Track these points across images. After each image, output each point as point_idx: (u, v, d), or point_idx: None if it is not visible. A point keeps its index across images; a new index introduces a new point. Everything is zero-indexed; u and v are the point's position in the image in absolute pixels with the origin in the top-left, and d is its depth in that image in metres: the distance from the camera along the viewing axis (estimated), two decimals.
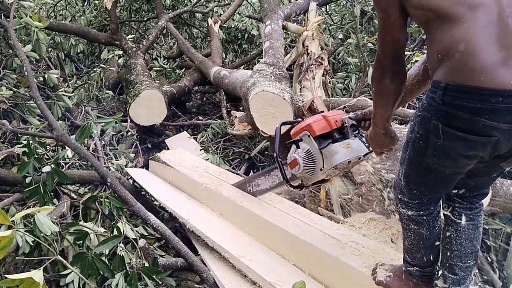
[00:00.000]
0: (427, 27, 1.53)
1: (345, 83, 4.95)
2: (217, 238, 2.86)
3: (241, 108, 5.45)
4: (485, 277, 2.89)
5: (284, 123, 2.56)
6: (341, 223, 2.91)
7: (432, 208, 1.74)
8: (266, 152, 4.57)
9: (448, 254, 1.77)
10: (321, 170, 2.22)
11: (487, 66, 1.34)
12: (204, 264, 2.82)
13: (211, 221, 3.11)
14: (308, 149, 2.25)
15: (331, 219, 2.95)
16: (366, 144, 2.24)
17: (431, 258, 1.84)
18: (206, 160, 4.38)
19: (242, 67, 6.67)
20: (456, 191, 1.77)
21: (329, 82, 4.17)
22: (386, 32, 1.62)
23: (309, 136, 2.24)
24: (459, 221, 1.76)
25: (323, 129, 2.23)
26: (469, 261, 1.76)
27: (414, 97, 2.02)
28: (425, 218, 1.75)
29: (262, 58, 4.07)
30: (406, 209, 1.77)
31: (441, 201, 1.79)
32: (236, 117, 4.04)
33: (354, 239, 2.50)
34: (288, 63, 4.33)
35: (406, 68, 1.71)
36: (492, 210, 2.94)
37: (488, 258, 3.07)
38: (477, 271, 2.81)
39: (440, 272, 1.83)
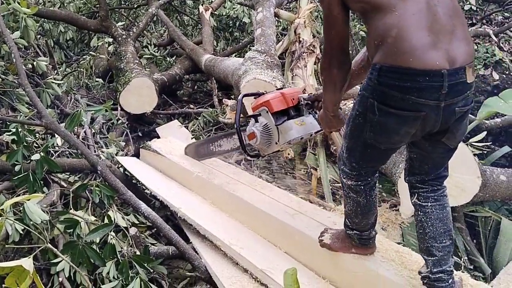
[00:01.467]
0: (365, 18, 1.68)
1: None
2: (209, 226, 2.85)
3: (232, 97, 5.42)
4: (475, 264, 2.93)
5: (246, 95, 2.70)
6: (332, 210, 2.91)
7: (369, 179, 1.93)
8: None
9: (423, 237, 1.87)
10: (276, 143, 2.42)
11: (416, 49, 1.50)
12: (196, 252, 2.81)
13: (203, 209, 3.11)
14: (266, 124, 2.41)
15: (322, 207, 2.96)
16: (318, 122, 2.36)
17: (368, 223, 2.06)
18: None
19: (234, 55, 6.63)
20: (416, 177, 1.91)
21: None
22: (331, 26, 1.77)
23: (267, 112, 2.40)
24: (426, 204, 1.87)
25: (280, 106, 2.39)
26: (444, 241, 1.84)
27: (360, 81, 2.11)
28: (362, 187, 1.93)
29: (253, 46, 4.05)
30: (347, 179, 1.95)
31: (377, 174, 1.98)
32: (227, 105, 4.02)
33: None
34: (280, 51, 4.32)
35: (351, 57, 1.86)
36: (482, 198, 2.97)
37: (477, 245, 3.11)
38: (466, 258, 2.85)
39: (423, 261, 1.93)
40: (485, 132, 3.31)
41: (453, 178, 2.66)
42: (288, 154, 3.43)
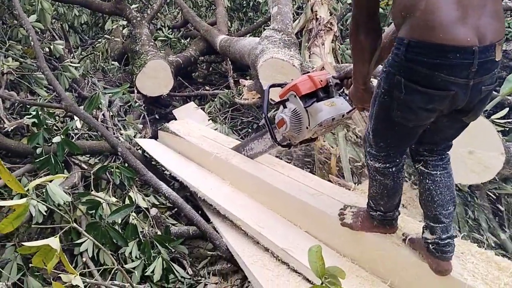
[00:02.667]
0: None
1: None
2: (229, 206, 2.86)
3: (248, 78, 5.39)
4: (498, 241, 2.89)
5: (272, 86, 2.61)
6: (352, 190, 2.90)
7: (397, 160, 1.88)
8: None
9: (431, 205, 1.86)
10: (307, 128, 2.32)
11: (445, 24, 1.43)
12: (216, 231, 2.83)
13: (222, 190, 3.11)
14: (294, 109, 2.34)
15: (342, 186, 2.94)
16: (349, 102, 2.31)
17: (393, 204, 2.04)
18: (215, 130, 4.36)
19: (248, 35, 6.57)
20: (425, 147, 1.87)
21: (339, 48, 4.09)
22: None
23: (295, 96, 2.32)
24: (435, 172, 1.86)
25: (308, 89, 2.31)
26: (449, 208, 1.86)
27: None
28: (391, 170, 1.89)
29: (268, 26, 4.00)
30: (374, 162, 1.90)
31: (405, 155, 1.92)
32: (244, 85, 4.00)
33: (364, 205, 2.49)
34: (297, 29, 4.25)
35: (381, 25, 1.77)
36: (505, 175, 2.92)
37: (500, 222, 3.07)
38: (489, 235, 2.82)
39: (424, 226, 1.94)
40: (507, 109, 3.24)
41: (476, 155, 2.61)
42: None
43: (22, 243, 1.62)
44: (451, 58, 1.44)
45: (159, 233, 2.93)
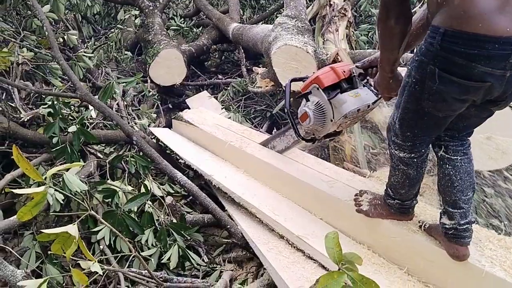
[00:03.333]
0: None
1: (369, 35, 4.81)
2: (243, 194, 2.86)
3: (261, 66, 5.36)
4: None
5: (293, 80, 2.56)
6: (368, 177, 2.88)
7: (423, 150, 1.85)
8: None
9: (450, 191, 1.84)
10: (331, 121, 2.26)
11: (484, 13, 1.38)
12: (231, 219, 2.84)
13: (237, 178, 3.12)
14: (318, 101, 2.28)
15: (357, 173, 2.92)
16: (375, 92, 2.25)
17: (413, 193, 2.04)
18: (228, 119, 4.36)
19: (261, 23, 6.52)
20: (447, 132, 1.84)
21: (353, 35, 4.04)
22: None
23: (318, 88, 2.27)
24: (456, 157, 1.84)
25: (331, 80, 2.25)
26: (469, 193, 1.85)
27: (418, 42, 1.97)
28: (415, 160, 1.87)
29: (281, 13, 3.96)
30: (399, 151, 1.88)
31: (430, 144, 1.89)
32: (258, 73, 3.97)
33: (381, 193, 2.47)
34: (310, 16, 4.20)
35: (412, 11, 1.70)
36: None
37: None
38: (507, 222, 2.78)
39: (442, 211, 1.93)
40: None
41: (494, 141, 2.57)
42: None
43: (41, 230, 1.64)
44: (489, 48, 1.40)
45: (174, 221, 2.95)
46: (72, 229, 1.58)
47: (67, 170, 2.98)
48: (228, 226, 2.76)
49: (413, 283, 2.02)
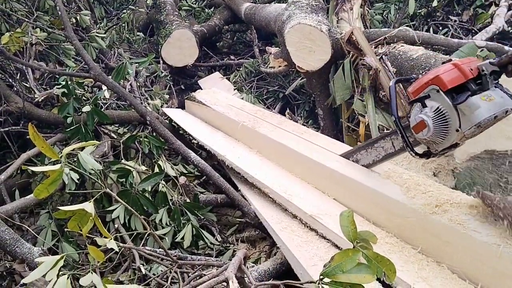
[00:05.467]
0: None
1: (384, 14, 4.72)
2: (256, 174, 2.87)
3: (273, 46, 5.31)
4: None
5: (398, 81, 2.19)
6: None
7: None
8: (302, 90, 4.48)
9: None
10: (457, 131, 1.86)
11: None
12: (244, 199, 2.85)
13: (250, 158, 3.12)
14: (438, 107, 1.88)
15: None
16: (510, 94, 1.87)
17: None
18: (241, 99, 4.34)
19: (273, 2, 6.44)
20: None
21: (367, 13, 3.97)
22: None
23: (438, 91, 1.88)
24: None
25: (456, 81, 1.84)
26: None
27: None
28: None
29: None
30: None
31: None
32: (271, 53, 3.94)
33: (396, 173, 2.46)
34: None
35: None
36: None
37: None
38: None
39: None
40: None
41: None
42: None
43: (58, 208, 1.66)
44: None
45: (188, 200, 2.97)
46: (88, 206, 1.60)
47: (82, 149, 3.01)
48: (241, 206, 2.77)
49: (427, 262, 2.02)
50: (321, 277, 1.31)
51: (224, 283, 1.52)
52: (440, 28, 4.12)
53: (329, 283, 1.30)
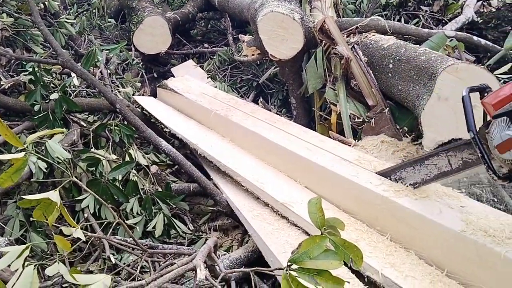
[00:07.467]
0: None
1: (356, 3, 4.74)
2: (229, 162, 2.86)
3: (247, 34, 5.29)
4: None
5: (472, 90, 1.83)
6: (353, 146, 2.89)
7: None
8: (276, 79, 4.48)
9: None
10: None
11: None
12: (217, 188, 2.84)
13: (223, 147, 3.11)
14: None
15: (342, 142, 2.93)
16: None
17: None
18: (214, 88, 4.31)
19: None
20: None
21: (340, 2, 3.98)
22: None
23: None
24: None
25: None
26: None
27: None
28: None
29: None
30: None
31: None
32: (244, 41, 3.92)
33: (366, 160, 2.49)
34: None
35: None
36: None
37: None
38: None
39: None
40: (510, 64, 3.18)
41: (479, 110, 2.58)
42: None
43: (23, 197, 1.62)
44: None
45: (160, 190, 2.94)
46: (54, 195, 1.56)
47: (50, 138, 2.94)
48: (214, 195, 2.76)
49: (395, 248, 2.06)
50: (289, 263, 1.31)
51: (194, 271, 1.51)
52: (411, 18, 4.16)
53: (297, 269, 1.30)
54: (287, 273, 1.30)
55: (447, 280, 1.87)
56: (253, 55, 3.90)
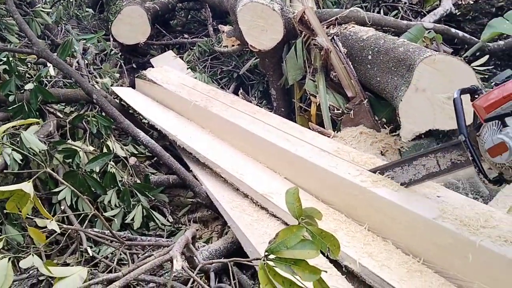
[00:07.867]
0: None
1: None
2: (208, 154, 2.84)
3: (227, 25, 5.25)
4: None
5: (463, 91, 1.80)
6: (332, 137, 2.90)
7: None
8: (256, 70, 4.46)
9: None
10: None
11: None
12: (196, 179, 2.83)
13: (202, 138, 3.09)
14: None
15: (322, 133, 2.94)
16: None
17: None
18: (194, 79, 4.28)
19: None
20: None
21: None
22: None
23: None
24: None
25: None
26: None
27: None
28: None
29: None
30: None
31: None
32: (224, 31, 3.89)
33: (344, 151, 2.50)
34: None
35: None
36: None
37: None
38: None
39: None
40: (487, 56, 3.23)
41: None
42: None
43: None
44: None
45: (138, 181, 2.92)
46: (27, 186, 1.53)
47: (26, 129, 2.89)
48: (193, 186, 2.75)
49: (373, 238, 2.08)
50: (266, 253, 1.31)
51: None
52: (391, 9, 4.19)
53: (274, 259, 1.31)
54: (264, 263, 1.30)
55: (424, 269, 1.89)
56: (233, 45, 3.88)
